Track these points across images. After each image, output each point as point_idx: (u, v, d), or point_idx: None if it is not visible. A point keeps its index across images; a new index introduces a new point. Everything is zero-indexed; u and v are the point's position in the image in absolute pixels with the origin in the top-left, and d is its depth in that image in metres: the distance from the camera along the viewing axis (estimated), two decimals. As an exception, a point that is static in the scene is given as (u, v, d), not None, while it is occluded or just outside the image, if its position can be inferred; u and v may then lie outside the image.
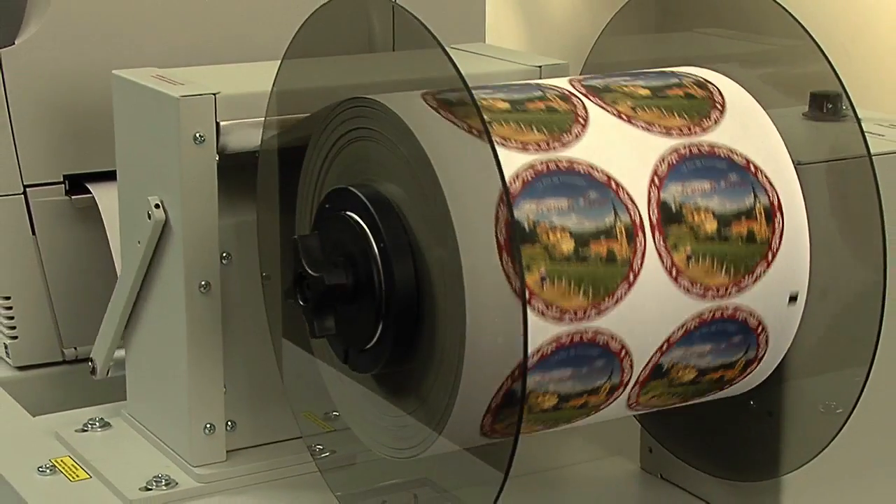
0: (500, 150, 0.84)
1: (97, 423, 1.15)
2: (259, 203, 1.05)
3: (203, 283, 1.04)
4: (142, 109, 1.07)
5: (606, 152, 0.88)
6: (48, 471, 1.08)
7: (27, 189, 1.25)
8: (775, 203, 0.91)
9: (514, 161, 0.86)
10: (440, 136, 0.86)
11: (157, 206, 1.05)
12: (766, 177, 0.92)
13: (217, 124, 1.03)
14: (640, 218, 0.87)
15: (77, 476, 1.08)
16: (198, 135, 1.02)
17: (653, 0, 1.07)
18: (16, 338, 1.28)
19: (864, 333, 0.92)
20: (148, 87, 1.05)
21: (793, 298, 0.93)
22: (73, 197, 1.26)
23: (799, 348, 0.94)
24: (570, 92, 0.92)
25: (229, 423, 1.08)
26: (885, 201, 0.91)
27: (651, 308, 0.88)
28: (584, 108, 0.91)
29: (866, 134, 0.93)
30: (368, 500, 1.03)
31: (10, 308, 1.27)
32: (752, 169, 0.91)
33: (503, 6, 1.91)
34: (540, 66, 1.13)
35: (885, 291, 0.92)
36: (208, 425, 1.06)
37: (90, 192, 1.26)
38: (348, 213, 0.90)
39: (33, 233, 1.26)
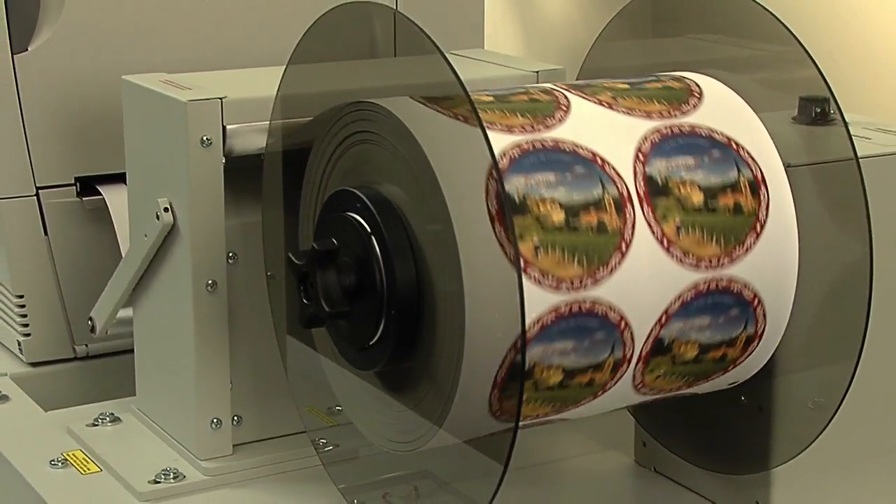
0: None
1: (107, 418, 1.14)
2: (264, 204, 1.05)
3: (210, 282, 1.04)
4: (150, 113, 1.07)
5: (590, 132, 0.89)
6: (60, 464, 1.08)
7: (39, 191, 1.25)
8: (759, 177, 0.91)
9: (500, 141, 0.86)
10: (439, 138, 0.86)
11: (165, 208, 1.04)
12: (748, 153, 0.92)
13: (223, 128, 1.02)
14: (628, 190, 0.87)
15: (88, 469, 1.07)
16: (205, 138, 1.02)
17: (647, 7, 1.07)
18: (29, 335, 1.27)
19: (851, 331, 0.92)
20: (156, 92, 1.05)
21: None
22: (83, 198, 1.26)
23: (788, 345, 0.94)
24: (551, 88, 0.93)
25: (235, 417, 1.07)
26: (872, 203, 0.91)
27: (645, 278, 0.88)
28: (566, 98, 0.92)
29: (854, 137, 0.92)
30: (370, 493, 1.02)
31: (23, 306, 1.26)
32: (734, 146, 0.92)
33: (501, 13, 1.91)
34: (537, 72, 1.13)
35: (871, 289, 0.91)
36: (215, 420, 1.06)
37: (101, 194, 1.25)
38: (351, 214, 0.90)
39: (45, 233, 1.26)
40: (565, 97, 0.92)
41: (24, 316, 1.26)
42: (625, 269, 0.86)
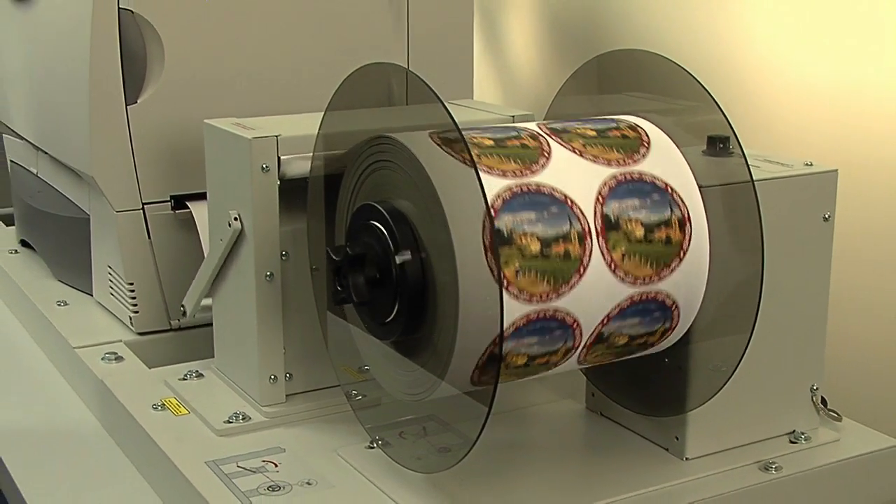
0: (485, 176, 0.82)
1: (194, 374, 1.12)
2: (309, 215, 1.02)
3: (268, 273, 1.01)
4: (224, 147, 1.04)
5: (564, 178, 0.86)
6: (159, 407, 1.06)
7: (144, 205, 1.22)
8: (686, 216, 0.88)
9: (496, 184, 0.83)
10: (440, 163, 0.83)
11: (235, 218, 1.02)
12: (679, 196, 0.89)
13: (278, 158, 1.00)
14: (589, 226, 0.84)
15: (180, 412, 1.05)
16: (264, 165, 0.99)
17: (594, 71, 1.04)
18: (137, 311, 1.24)
19: (746, 314, 0.90)
20: (229, 132, 1.02)
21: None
22: (176, 211, 1.23)
23: (701, 323, 0.91)
24: (537, 132, 0.89)
25: (288, 374, 1.05)
26: (763, 214, 0.89)
27: (595, 292, 0.85)
28: (548, 144, 0.88)
29: (750, 166, 0.90)
30: (389, 431, 1.00)
31: (133, 291, 1.24)
32: (669, 191, 0.88)
33: (486, 72, 1.91)
34: (513, 116, 1.10)
35: (763, 280, 0.89)
36: (272, 376, 1.03)
37: (188, 208, 1.23)
38: (373, 222, 0.87)
39: (149, 237, 1.23)
40: (548, 143, 0.88)
41: (134, 298, 1.24)
42: (581, 286, 0.83)
